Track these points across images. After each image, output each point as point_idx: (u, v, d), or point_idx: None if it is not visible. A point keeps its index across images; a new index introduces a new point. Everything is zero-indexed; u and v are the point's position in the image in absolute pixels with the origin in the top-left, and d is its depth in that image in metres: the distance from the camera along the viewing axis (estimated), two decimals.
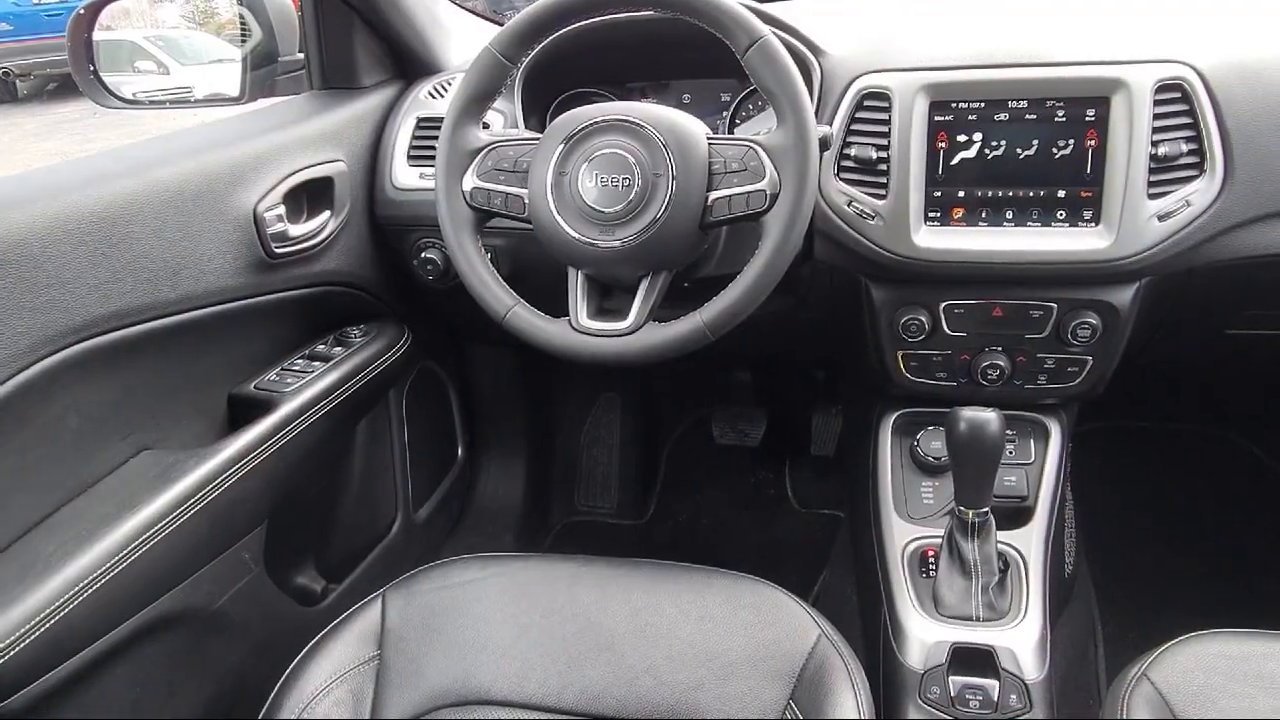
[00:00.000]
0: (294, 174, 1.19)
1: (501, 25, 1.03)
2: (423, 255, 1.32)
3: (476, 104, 1.03)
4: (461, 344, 1.80)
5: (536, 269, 1.15)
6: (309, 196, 1.23)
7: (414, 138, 1.32)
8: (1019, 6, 1.34)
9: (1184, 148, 1.03)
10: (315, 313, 1.32)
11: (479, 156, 1.02)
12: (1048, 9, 1.30)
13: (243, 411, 1.16)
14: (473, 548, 1.07)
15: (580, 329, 0.99)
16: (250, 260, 1.13)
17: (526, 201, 0.99)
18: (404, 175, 1.31)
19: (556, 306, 1.01)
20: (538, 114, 1.34)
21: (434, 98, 1.36)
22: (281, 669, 0.92)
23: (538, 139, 1.01)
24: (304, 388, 1.19)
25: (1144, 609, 1.51)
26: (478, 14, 1.59)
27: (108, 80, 1.31)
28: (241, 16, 1.44)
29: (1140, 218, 1.04)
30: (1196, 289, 1.12)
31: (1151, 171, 1.03)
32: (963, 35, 1.17)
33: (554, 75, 1.31)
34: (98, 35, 1.28)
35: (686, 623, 0.92)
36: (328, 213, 1.25)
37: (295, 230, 1.19)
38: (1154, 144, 1.03)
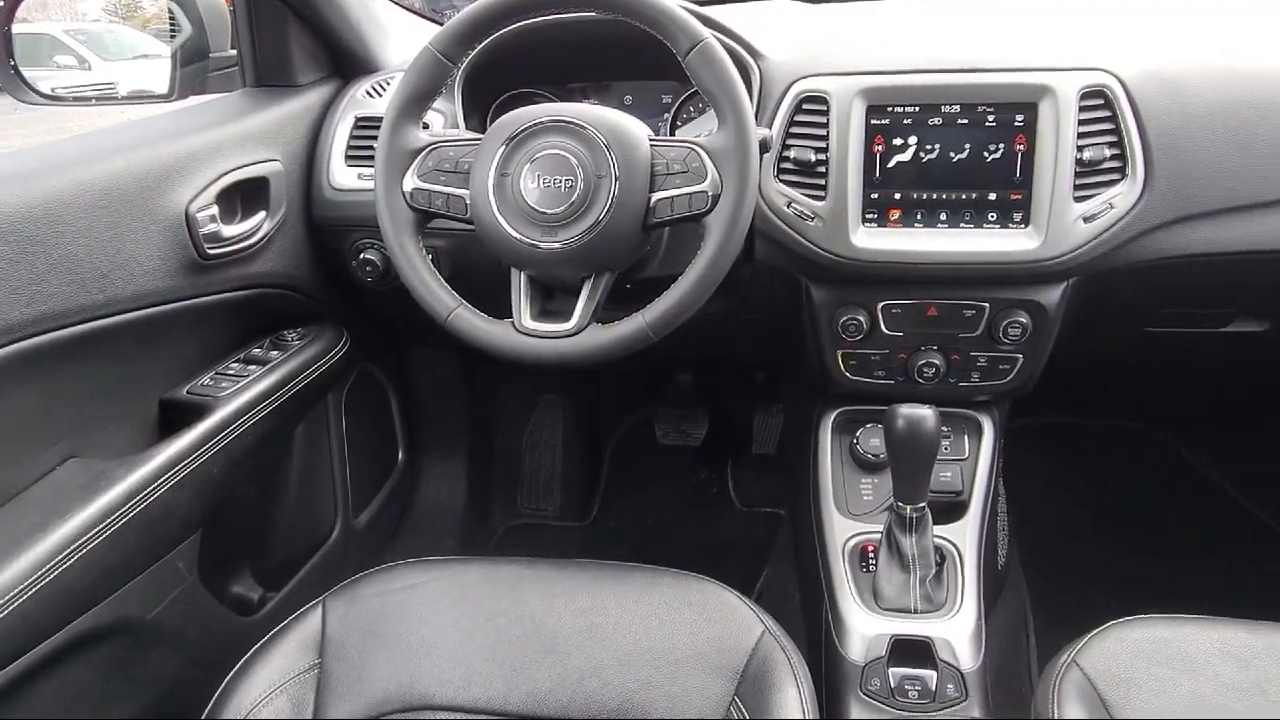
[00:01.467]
0: (227, 173, 1.16)
1: (441, 24, 1.02)
2: (362, 256, 1.31)
3: (416, 104, 1.02)
4: (402, 346, 1.77)
5: (479, 270, 1.15)
6: (243, 197, 1.20)
7: (352, 137, 1.30)
8: (955, 16, 1.38)
9: (1107, 152, 1.07)
10: (250, 315, 1.29)
11: (419, 157, 1.01)
12: (982, 19, 1.34)
13: (175, 417, 1.13)
14: (414, 552, 1.06)
15: (523, 330, 0.98)
16: (182, 262, 1.10)
17: (468, 202, 0.99)
18: (342, 175, 1.29)
19: (499, 308, 1.01)
20: (479, 114, 1.33)
21: (372, 97, 1.34)
22: (218, 680, 0.90)
23: (479, 139, 1.00)
24: (239, 392, 1.17)
25: (1073, 598, 1.56)
26: (416, 13, 1.57)
27: (26, 75, 1.26)
28: (170, 11, 1.40)
29: (1067, 220, 1.07)
30: (1118, 289, 1.17)
31: (1077, 175, 1.07)
32: (899, 41, 1.20)
33: (495, 75, 1.31)
34: (15, 28, 1.24)
35: (632, 623, 0.93)
36: (263, 213, 1.22)
37: (229, 231, 1.16)
38: (1079, 149, 1.06)
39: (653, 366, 2.10)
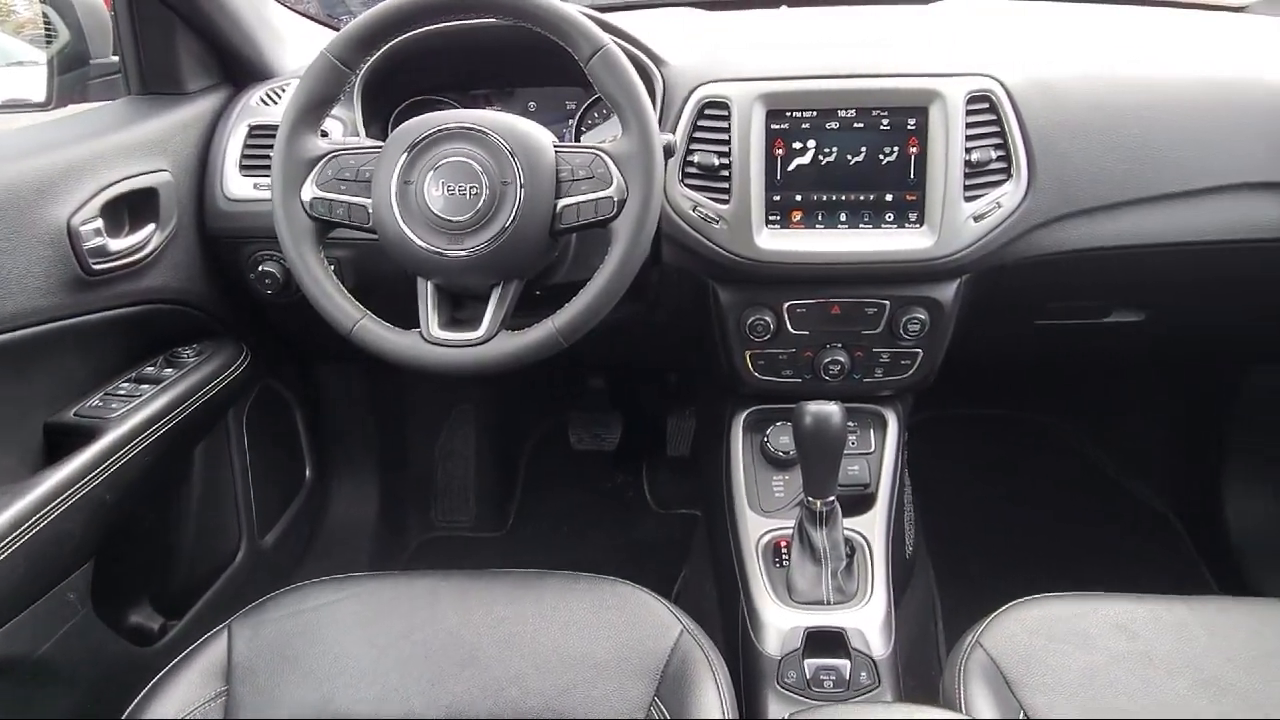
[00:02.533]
0: (112, 185, 1.11)
1: (337, 30, 1.00)
2: (260, 269, 1.27)
3: (313, 111, 0.99)
4: (306, 360, 1.73)
5: (384, 280, 1.13)
6: (130, 209, 1.15)
7: (246, 146, 1.26)
8: (850, 24, 1.42)
9: (993, 154, 1.12)
10: (142, 333, 1.24)
11: (318, 165, 0.98)
12: (875, 28, 1.39)
13: (62, 441, 1.07)
14: (325, 572, 1.03)
15: (432, 340, 0.97)
16: (65, 278, 1.05)
17: (371, 211, 0.97)
18: (236, 185, 1.25)
19: (406, 318, 0.99)
20: (379, 121, 1.31)
21: (267, 104, 1.30)
22: (118, 715, 0.86)
23: (380, 147, 0.98)
24: (131, 413, 1.12)
25: (977, 583, 1.63)
26: (311, 18, 1.54)
27: None
28: (45, 15, 1.33)
29: (958, 218, 1.12)
30: (1008, 284, 1.22)
31: (967, 176, 1.12)
32: (796, 48, 1.23)
33: (395, 82, 1.29)
34: None
35: (551, 629, 0.92)
36: (152, 226, 1.18)
37: (116, 245, 1.11)
38: (968, 150, 1.11)
39: (565, 372, 2.10)
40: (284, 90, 1.32)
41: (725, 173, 1.13)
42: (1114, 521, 1.88)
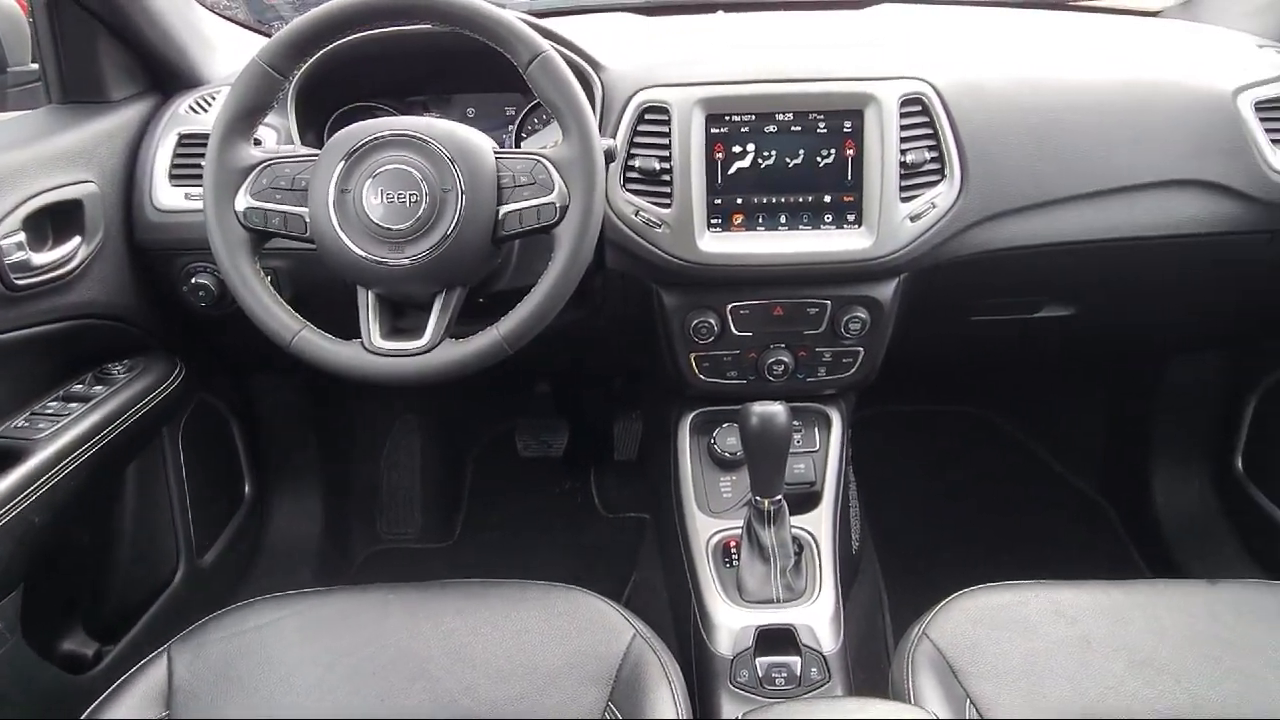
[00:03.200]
0: (34, 197, 1.07)
1: (269, 36, 0.98)
2: (193, 281, 1.24)
3: (246, 119, 0.97)
4: (243, 374, 1.69)
5: (323, 290, 1.11)
6: (55, 221, 1.11)
7: (176, 155, 1.23)
8: (786, 29, 1.44)
9: (927, 155, 1.15)
10: (70, 349, 1.20)
11: (252, 174, 0.96)
12: (811, 32, 1.41)
13: None
14: (268, 590, 1.01)
15: (374, 350, 0.96)
16: None
17: (308, 221, 0.95)
18: (166, 196, 1.22)
19: (347, 328, 0.98)
20: (314, 129, 1.29)
21: (197, 112, 1.27)
22: None
23: (316, 155, 0.97)
24: (59, 433, 1.08)
25: (922, 575, 1.66)
26: (241, 24, 1.50)
27: None
28: None
29: (895, 219, 1.14)
30: (944, 282, 1.25)
31: (902, 177, 1.14)
32: (734, 53, 1.24)
33: (330, 88, 1.27)
34: None
35: (502, 639, 0.92)
36: (78, 239, 1.14)
37: (40, 259, 1.08)
38: (903, 152, 1.14)
39: (510, 379, 2.08)
40: (214, 98, 1.28)
41: (667, 177, 1.14)
42: (1052, 510, 1.93)
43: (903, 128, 1.14)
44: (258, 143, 1.00)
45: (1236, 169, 1.20)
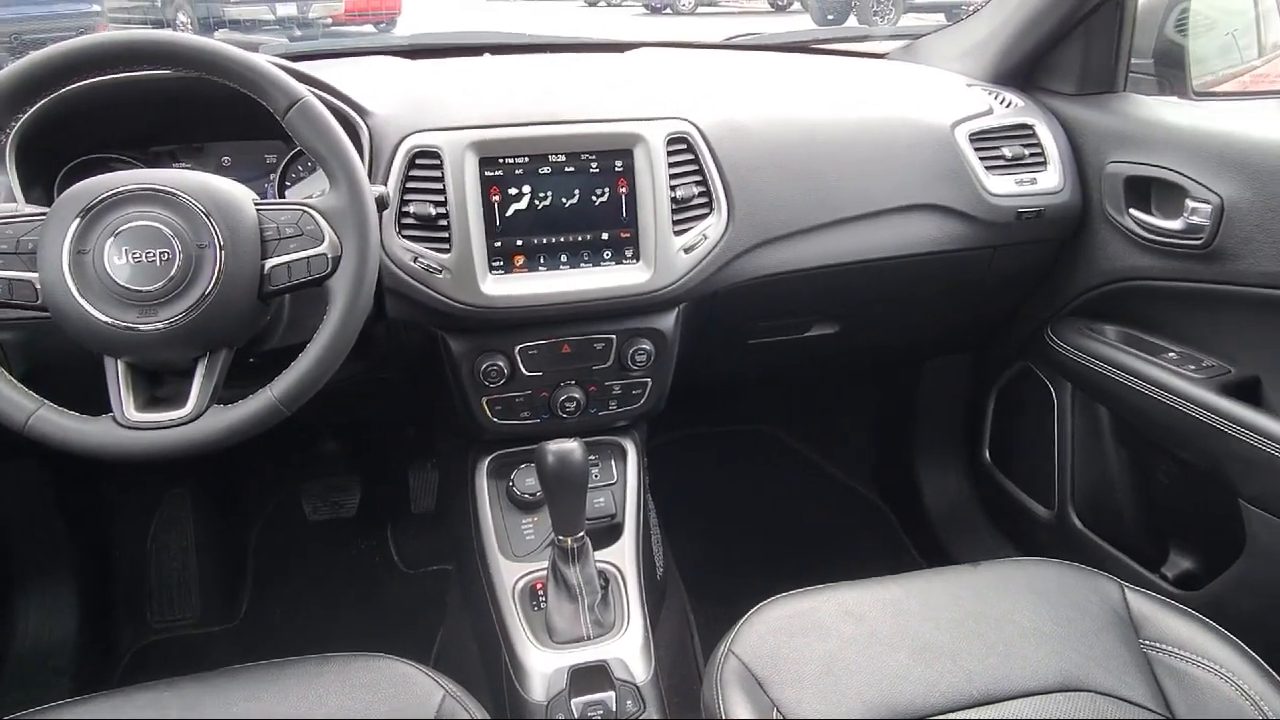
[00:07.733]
0: None
1: None
2: None
3: None
4: None
5: (61, 363, 1.00)
6: None
7: None
8: (551, 72, 1.47)
9: (695, 190, 1.21)
10: None
11: None
12: (577, 76, 1.45)
13: None
14: (18, 705, 0.88)
15: (128, 424, 0.87)
16: None
17: (38, 287, 0.86)
18: None
19: (94, 402, 0.88)
20: (41, 185, 1.16)
21: None
22: None
23: (45, 213, 0.87)
24: None
25: (726, 593, 1.71)
26: None
27: None
28: None
29: (670, 252, 1.19)
30: (721, 309, 1.32)
31: (674, 211, 1.19)
32: (503, 96, 1.25)
33: (60, 139, 1.14)
34: None
35: None
36: None
37: None
38: (672, 188, 1.19)
39: (293, 438, 1.96)
40: None
41: (444, 222, 1.12)
42: (838, 515, 2.07)
43: (671, 165, 1.19)
44: None
45: (960, 193, 1.36)
